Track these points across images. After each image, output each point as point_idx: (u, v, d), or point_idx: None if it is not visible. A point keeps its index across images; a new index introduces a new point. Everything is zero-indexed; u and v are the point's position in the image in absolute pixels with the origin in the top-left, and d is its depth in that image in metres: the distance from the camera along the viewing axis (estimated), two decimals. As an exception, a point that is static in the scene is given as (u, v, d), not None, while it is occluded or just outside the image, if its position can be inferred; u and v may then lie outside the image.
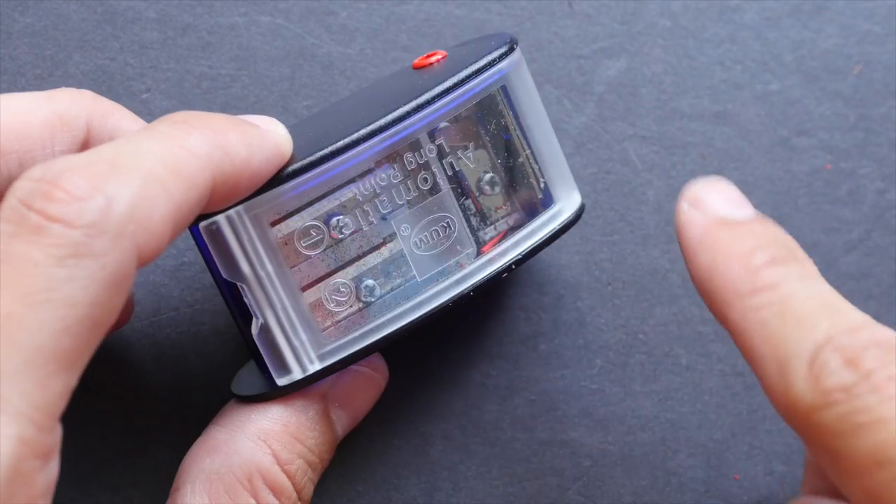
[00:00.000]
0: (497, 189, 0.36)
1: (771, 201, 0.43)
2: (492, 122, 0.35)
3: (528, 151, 0.36)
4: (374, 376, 0.38)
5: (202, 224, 0.33)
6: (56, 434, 0.27)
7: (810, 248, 0.42)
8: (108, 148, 0.29)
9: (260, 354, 0.34)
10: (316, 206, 0.34)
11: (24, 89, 0.41)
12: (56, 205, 0.27)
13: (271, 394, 0.35)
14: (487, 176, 0.36)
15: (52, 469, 0.27)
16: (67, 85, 0.41)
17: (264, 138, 0.32)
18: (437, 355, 0.41)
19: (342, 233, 0.34)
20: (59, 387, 0.27)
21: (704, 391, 0.42)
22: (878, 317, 0.42)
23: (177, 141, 0.30)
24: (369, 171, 0.34)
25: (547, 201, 0.36)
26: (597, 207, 0.42)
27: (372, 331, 0.34)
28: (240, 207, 0.33)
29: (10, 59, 0.41)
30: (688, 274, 0.32)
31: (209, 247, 0.33)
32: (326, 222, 0.34)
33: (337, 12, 0.43)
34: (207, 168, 0.30)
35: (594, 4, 0.43)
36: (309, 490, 0.35)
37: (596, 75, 0.43)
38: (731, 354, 0.42)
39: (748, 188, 0.43)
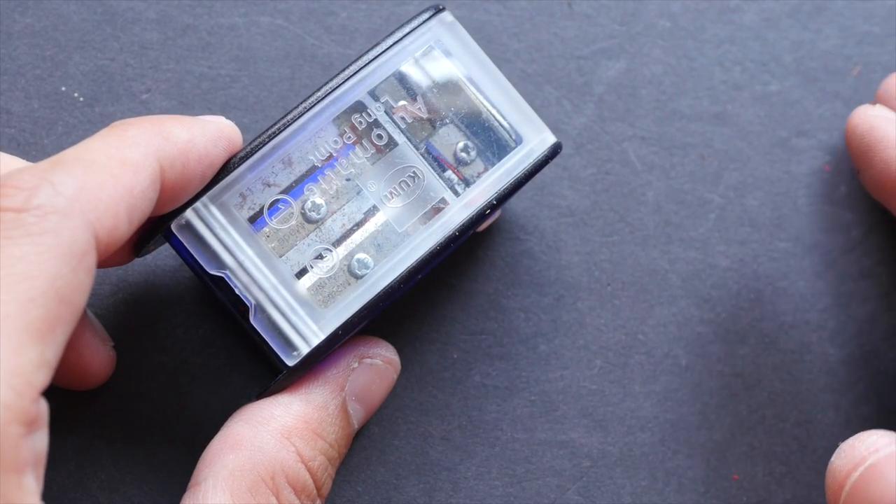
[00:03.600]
0: (473, 153, 0.36)
1: (770, 202, 0.43)
2: (444, 87, 0.37)
3: (486, 104, 0.37)
4: (388, 369, 0.38)
5: (173, 223, 0.34)
6: (40, 406, 0.28)
7: (810, 249, 0.43)
8: (51, 156, 0.31)
9: (265, 343, 0.34)
10: (278, 181, 0.35)
11: (24, 89, 0.41)
12: (6, 199, 0.29)
13: (285, 377, 0.35)
14: (461, 144, 0.36)
15: (40, 440, 0.28)
16: (67, 85, 0.41)
17: (205, 123, 0.34)
18: (437, 355, 0.41)
19: (318, 212, 0.35)
20: (34, 356, 0.27)
21: (704, 391, 0.42)
22: (876, 318, 0.42)
23: (115, 136, 0.32)
24: (322, 139, 0.36)
25: (517, 142, 0.37)
26: (597, 208, 0.42)
27: (366, 290, 0.35)
28: (203, 198, 0.34)
29: (10, 59, 0.41)
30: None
31: (186, 245, 0.34)
32: (294, 195, 0.35)
33: (337, 12, 0.43)
34: (150, 153, 0.32)
35: (594, 5, 0.43)
36: (328, 485, 0.36)
37: (596, 76, 0.43)
38: (731, 355, 0.42)
39: (748, 189, 0.43)
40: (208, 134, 0.34)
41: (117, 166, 0.31)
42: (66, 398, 0.38)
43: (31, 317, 0.27)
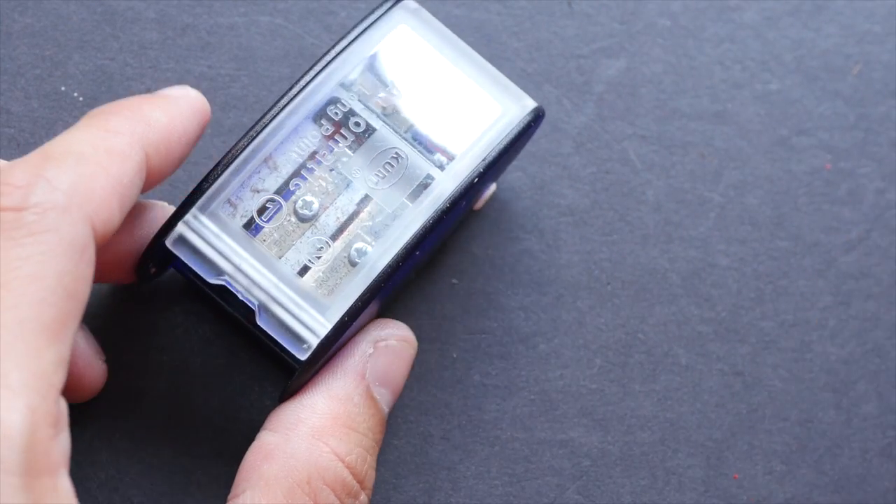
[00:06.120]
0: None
1: (771, 201, 0.43)
2: (415, 70, 0.37)
3: (461, 80, 0.37)
4: (405, 346, 0.38)
5: (167, 239, 0.34)
6: (61, 405, 0.28)
7: (810, 248, 0.43)
8: (38, 148, 0.31)
9: (275, 342, 0.34)
10: (266, 186, 0.35)
11: (24, 89, 0.41)
12: (2, 198, 0.28)
13: (301, 373, 0.35)
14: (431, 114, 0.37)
15: (65, 440, 0.28)
16: (67, 85, 0.41)
17: (178, 101, 0.34)
18: (437, 355, 0.41)
19: (311, 209, 0.35)
20: (52, 356, 0.28)
21: (704, 391, 0.42)
22: (877, 317, 0.42)
23: (99, 126, 0.32)
24: (302, 137, 0.36)
25: (494, 111, 0.37)
26: (596, 207, 0.42)
27: (366, 274, 0.35)
28: (193, 209, 0.34)
29: (10, 59, 0.41)
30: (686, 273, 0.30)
31: (183, 258, 0.34)
32: (285, 197, 0.35)
33: (337, 12, 0.43)
34: (134, 141, 0.32)
35: (594, 4, 0.43)
36: (371, 476, 0.35)
37: (596, 75, 0.43)
38: (731, 354, 0.42)
39: (748, 188, 0.43)
40: (185, 113, 0.34)
41: (105, 157, 0.31)
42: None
43: (45, 317, 0.27)
